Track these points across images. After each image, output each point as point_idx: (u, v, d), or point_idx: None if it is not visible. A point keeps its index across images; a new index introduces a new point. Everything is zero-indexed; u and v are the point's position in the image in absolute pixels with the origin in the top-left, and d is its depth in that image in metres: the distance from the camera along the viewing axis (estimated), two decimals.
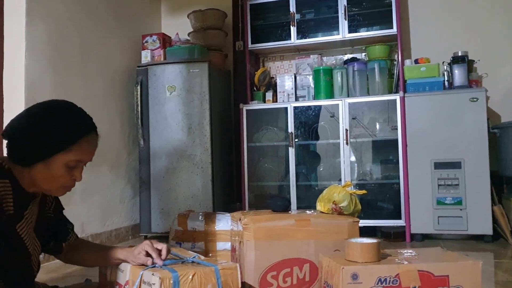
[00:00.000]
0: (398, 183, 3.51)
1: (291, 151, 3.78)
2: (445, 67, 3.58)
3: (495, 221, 3.28)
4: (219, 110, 3.96)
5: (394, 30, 3.68)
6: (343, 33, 3.81)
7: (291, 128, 3.80)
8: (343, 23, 3.80)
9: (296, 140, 3.82)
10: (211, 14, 4.16)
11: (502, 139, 3.45)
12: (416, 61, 3.66)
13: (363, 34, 3.84)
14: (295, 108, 3.83)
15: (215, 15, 4.18)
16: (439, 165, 3.38)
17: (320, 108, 3.87)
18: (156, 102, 3.83)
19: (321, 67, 3.87)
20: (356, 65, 3.79)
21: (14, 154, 1.32)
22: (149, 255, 1.44)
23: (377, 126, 3.80)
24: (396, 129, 3.56)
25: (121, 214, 3.84)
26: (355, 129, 3.72)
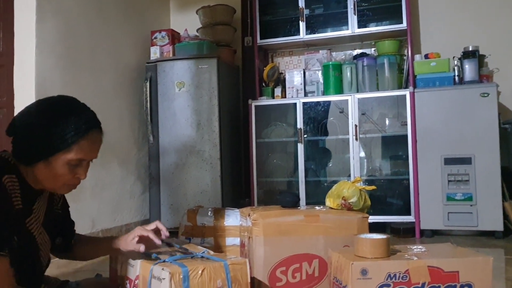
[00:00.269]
0: (408, 179, 3.49)
1: (300, 147, 3.78)
2: (455, 62, 3.55)
3: (506, 217, 3.25)
4: (228, 106, 3.96)
5: (404, 25, 3.65)
6: (352, 28, 3.79)
7: (300, 124, 3.79)
8: (353, 18, 3.78)
9: (305, 136, 3.82)
10: (220, 10, 4.16)
11: None
12: (426, 56, 3.63)
13: (372, 29, 3.82)
14: (304, 103, 3.82)
15: (223, 10, 4.18)
16: (449, 161, 3.36)
17: (329, 103, 3.86)
18: (165, 98, 3.84)
19: (330, 62, 3.85)
20: (366, 60, 3.77)
21: (17, 153, 1.32)
22: (141, 241, 1.45)
23: (386, 122, 3.78)
24: (405, 124, 3.54)
25: (131, 209, 3.87)
26: (364, 124, 3.71)
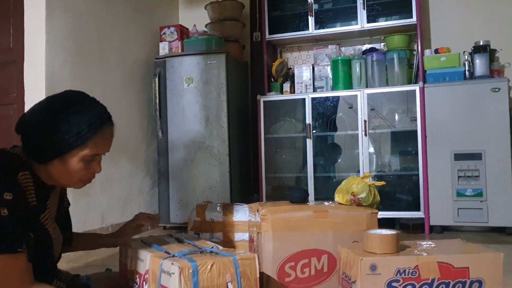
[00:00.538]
0: (417, 174, 3.47)
1: (309, 143, 3.77)
2: (466, 56, 3.52)
3: None
4: (236, 102, 3.96)
5: (414, 19, 3.62)
6: (361, 23, 3.77)
7: (308, 120, 3.78)
8: (362, 13, 3.76)
9: (314, 131, 3.80)
10: (229, 5, 4.15)
11: None
12: (436, 51, 3.60)
13: (382, 23, 3.79)
14: (313, 99, 3.80)
15: (232, 6, 4.17)
16: (459, 157, 3.34)
17: (338, 99, 3.84)
18: (174, 94, 3.85)
19: (339, 57, 3.83)
20: (375, 55, 3.75)
21: (29, 151, 1.31)
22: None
23: (396, 117, 3.76)
24: (415, 120, 3.51)
25: (140, 205, 3.89)
26: (373, 120, 3.69)
